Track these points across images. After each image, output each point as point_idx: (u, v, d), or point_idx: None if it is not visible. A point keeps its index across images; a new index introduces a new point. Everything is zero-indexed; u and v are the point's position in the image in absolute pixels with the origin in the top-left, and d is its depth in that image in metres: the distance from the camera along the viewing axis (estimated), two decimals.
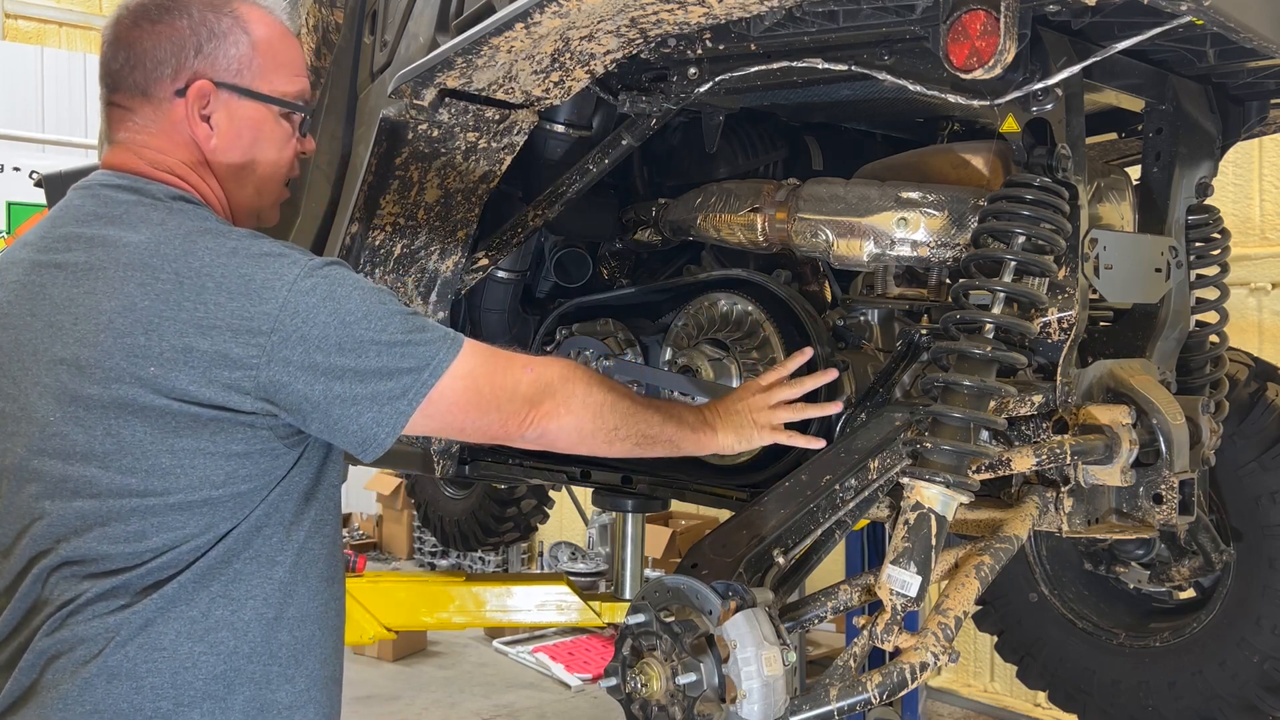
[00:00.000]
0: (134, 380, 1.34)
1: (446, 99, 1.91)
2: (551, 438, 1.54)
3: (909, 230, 1.86)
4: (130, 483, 1.36)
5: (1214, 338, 2.14)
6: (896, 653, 1.54)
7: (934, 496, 1.57)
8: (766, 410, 1.80)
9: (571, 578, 3.92)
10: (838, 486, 1.68)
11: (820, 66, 1.74)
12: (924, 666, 1.51)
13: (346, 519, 8.10)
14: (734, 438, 1.76)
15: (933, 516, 1.56)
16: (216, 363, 1.34)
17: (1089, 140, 2.04)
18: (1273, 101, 2.15)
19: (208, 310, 1.34)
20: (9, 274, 1.48)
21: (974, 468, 1.63)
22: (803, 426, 2.05)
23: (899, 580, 1.55)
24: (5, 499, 1.44)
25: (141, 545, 1.37)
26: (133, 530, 1.37)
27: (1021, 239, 1.69)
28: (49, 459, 1.39)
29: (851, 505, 1.68)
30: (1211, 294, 2.15)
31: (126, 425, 1.35)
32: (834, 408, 1.90)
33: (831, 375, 1.87)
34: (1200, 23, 1.46)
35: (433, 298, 2.31)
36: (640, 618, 1.54)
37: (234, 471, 1.39)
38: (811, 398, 2.06)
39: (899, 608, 1.55)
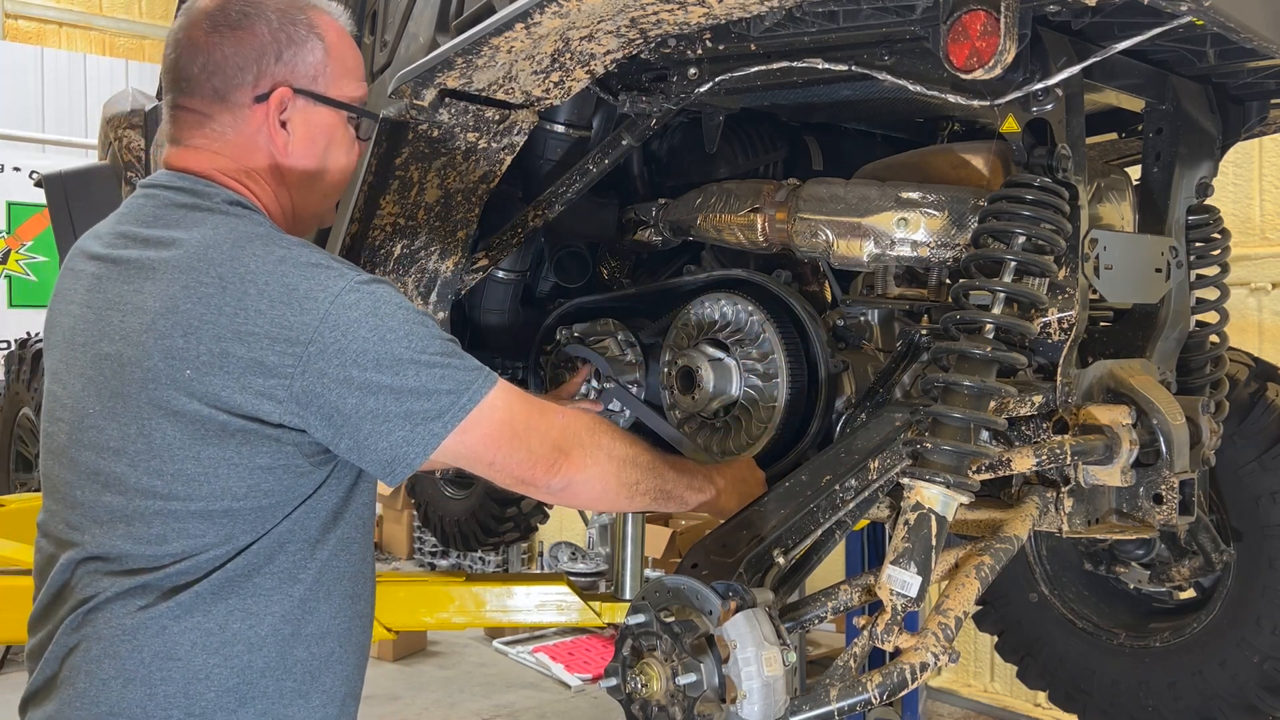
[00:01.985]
0: (170, 382, 1.35)
1: (446, 99, 1.90)
2: (576, 489, 1.53)
3: (909, 230, 1.86)
4: (155, 485, 1.37)
5: (1214, 338, 2.14)
6: (896, 653, 1.54)
7: (934, 497, 1.57)
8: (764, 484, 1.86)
9: (571, 578, 3.91)
10: (838, 487, 1.67)
11: (820, 66, 1.74)
12: (924, 667, 1.51)
13: None
14: (736, 502, 1.78)
15: (933, 517, 1.56)
16: (251, 369, 1.33)
17: (1089, 140, 2.04)
18: (1273, 101, 2.15)
19: (248, 316, 1.34)
20: (76, 262, 1.52)
21: (974, 468, 1.63)
22: (801, 431, 2.06)
23: (899, 580, 1.54)
24: (50, 479, 1.48)
25: (162, 549, 1.38)
26: (154, 533, 1.38)
27: (1021, 239, 1.69)
28: (84, 449, 1.42)
29: (851, 505, 1.67)
30: (1211, 294, 2.14)
31: (158, 427, 1.36)
32: None
33: None
34: (1200, 23, 1.46)
35: (433, 298, 2.30)
36: (640, 618, 1.54)
37: (256, 485, 1.38)
38: (810, 403, 2.07)
39: (899, 608, 1.55)
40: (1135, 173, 2.17)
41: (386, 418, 1.36)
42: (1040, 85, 1.59)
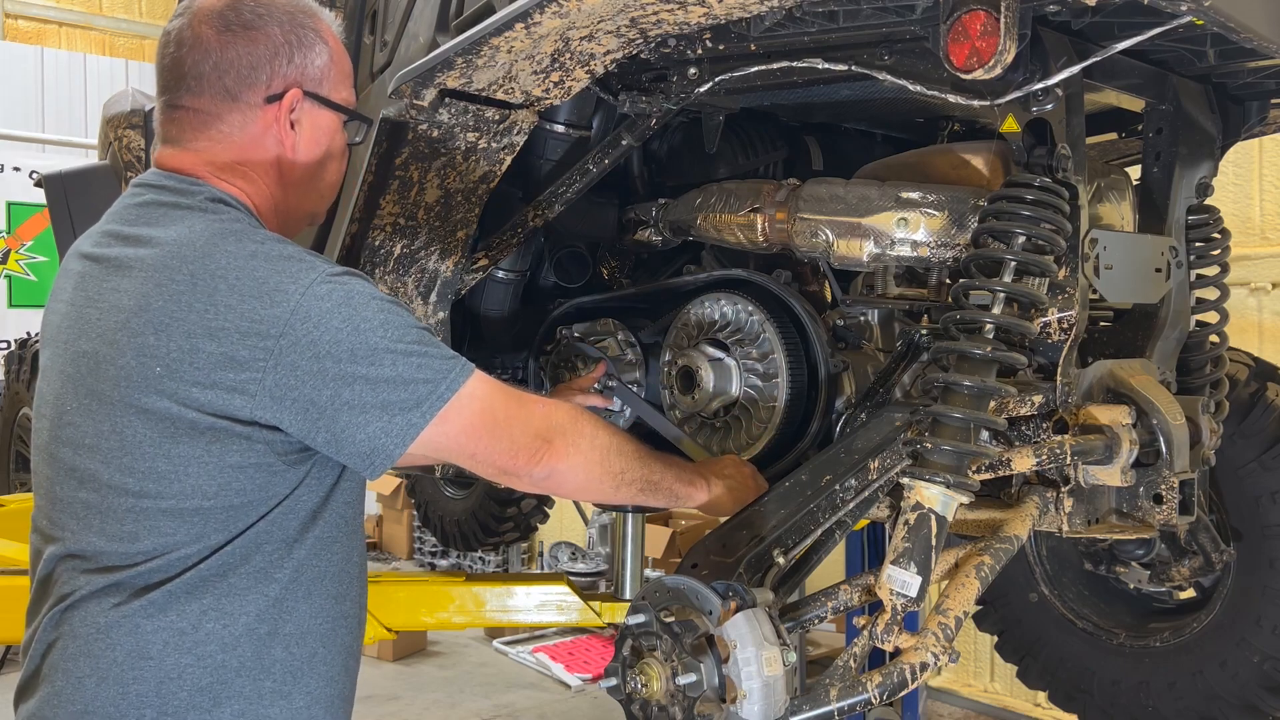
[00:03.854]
0: (141, 380, 1.35)
1: (446, 99, 1.91)
2: (560, 478, 1.52)
3: (909, 230, 1.86)
4: (127, 482, 1.37)
5: (1214, 338, 2.14)
6: (896, 653, 1.54)
7: (934, 497, 1.57)
8: (756, 477, 1.86)
9: (571, 578, 3.91)
10: (838, 486, 1.67)
11: (820, 66, 1.74)
12: (924, 666, 1.51)
13: None
14: (729, 499, 1.78)
15: (933, 517, 1.56)
16: (222, 365, 1.33)
17: (1089, 140, 2.04)
18: (1273, 101, 2.14)
19: (218, 312, 1.34)
20: (69, 263, 1.54)
21: (974, 468, 1.63)
22: (801, 431, 2.06)
23: (899, 580, 1.54)
24: (36, 474, 1.49)
25: (134, 547, 1.38)
26: (127, 530, 1.38)
27: (1021, 239, 1.69)
28: (63, 446, 1.43)
29: (851, 505, 1.67)
30: (1211, 294, 2.14)
31: (130, 425, 1.36)
32: None
33: None
34: (1200, 23, 1.46)
35: (433, 298, 2.30)
36: (640, 618, 1.54)
37: (227, 484, 1.38)
38: (810, 403, 2.07)
39: (899, 608, 1.55)
40: (1135, 173, 2.17)
41: (363, 409, 1.35)
42: (1040, 85, 1.59)
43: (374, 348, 1.36)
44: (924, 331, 1.93)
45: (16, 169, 7.76)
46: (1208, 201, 2.11)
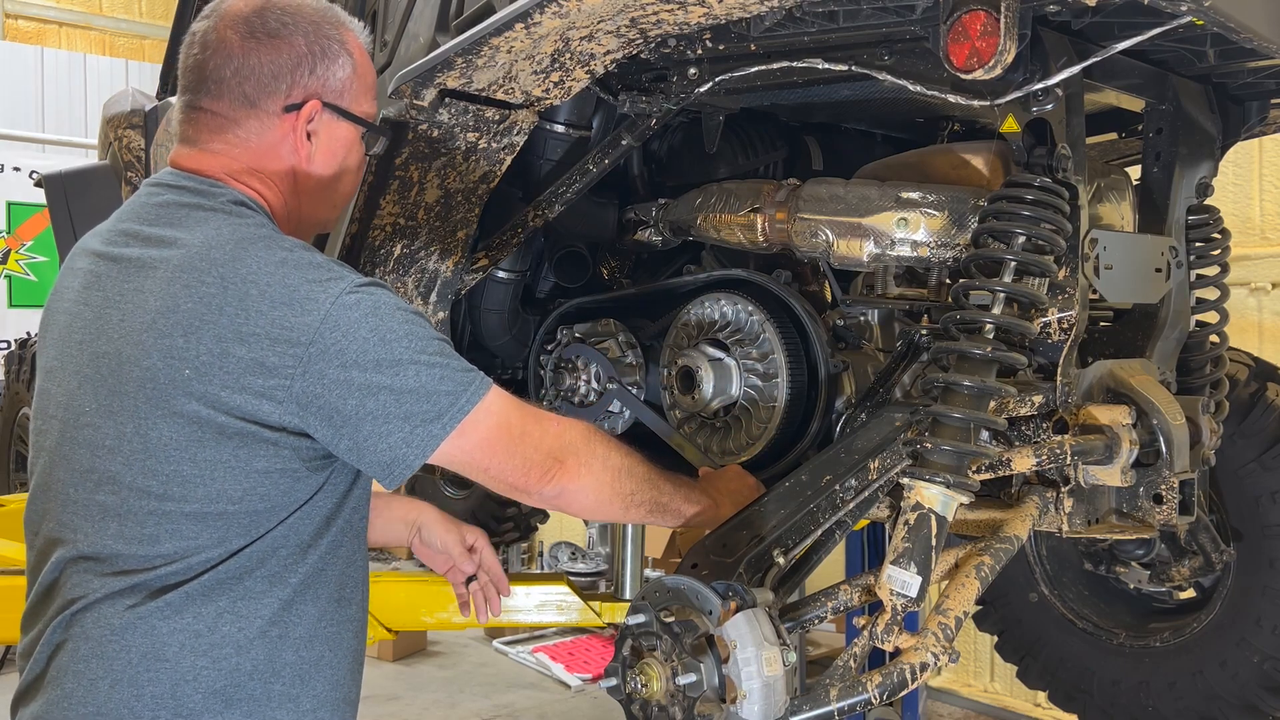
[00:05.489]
0: (169, 382, 1.35)
1: (446, 99, 1.91)
2: (569, 497, 1.53)
3: (909, 230, 1.86)
4: (150, 485, 1.37)
5: (1214, 338, 2.14)
6: (897, 653, 1.54)
7: (934, 497, 1.57)
8: (759, 490, 1.85)
9: (571, 578, 3.91)
10: (838, 487, 1.67)
11: (820, 66, 1.75)
12: (924, 667, 1.51)
13: None
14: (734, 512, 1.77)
15: (933, 517, 1.56)
16: (251, 370, 1.33)
17: (1089, 140, 2.04)
18: (1273, 101, 2.15)
19: (248, 317, 1.34)
20: (76, 260, 1.52)
21: (974, 468, 1.63)
22: (801, 431, 2.05)
23: (899, 580, 1.54)
24: (40, 476, 1.48)
25: (153, 549, 1.38)
26: (147, 533, 1.38)
27: (1021, 239, 1.69)
28: (79, 447, 1.41)
29: (851, 505, 1.67)
30: (1211, 294, 2.14)
31: (155, 427, 1.36)
32: None
33: None
34: (1200, 23, 1.47)
35: (433, 298, 2.30)
36: (640, 618, 1.54)
37: (252, 488, 1.38)
38: (810, 403, 2.06)
39: (899, 608, 1.55)
40: (1135, 173, 2.17)
41: (386, 419, 1.36)
42: (1040, 85, 1.59)
43: (398, 359, 1.37)
44: (924, 331, 1.93)
45: (16, 169, 7.76)
46: (1208, 201, 2.11)
